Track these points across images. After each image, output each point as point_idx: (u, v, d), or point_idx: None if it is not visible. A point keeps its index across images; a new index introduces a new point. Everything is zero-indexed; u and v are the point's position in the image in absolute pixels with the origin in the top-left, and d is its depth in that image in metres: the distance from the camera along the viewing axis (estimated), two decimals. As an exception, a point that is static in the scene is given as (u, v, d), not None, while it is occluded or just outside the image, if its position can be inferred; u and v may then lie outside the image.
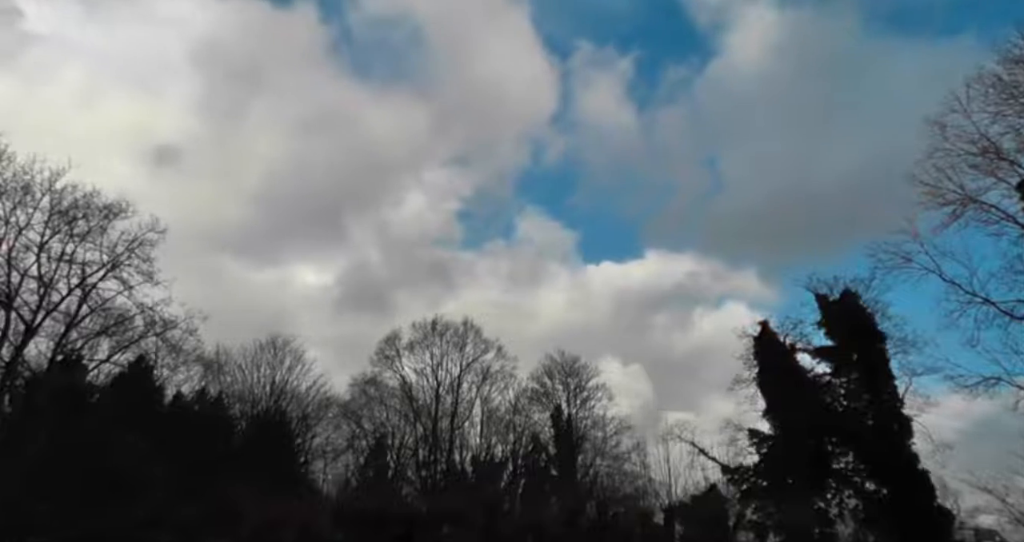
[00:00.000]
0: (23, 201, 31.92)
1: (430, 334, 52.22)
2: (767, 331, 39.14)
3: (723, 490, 43.21)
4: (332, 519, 36.96)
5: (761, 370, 38.34)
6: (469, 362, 52.06)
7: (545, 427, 51.77)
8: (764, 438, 38.43)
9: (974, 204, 22.57)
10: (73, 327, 33.59)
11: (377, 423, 50.71)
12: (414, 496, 46.49)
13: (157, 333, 34.81)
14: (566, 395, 52.49)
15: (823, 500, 35.94)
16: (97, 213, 33.25)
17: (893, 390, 35.34)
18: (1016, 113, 21.48)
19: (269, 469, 39.19)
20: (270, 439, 44.34)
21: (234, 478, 34.61)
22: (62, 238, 32.81)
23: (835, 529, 36.02)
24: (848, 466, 36.44)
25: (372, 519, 36.17)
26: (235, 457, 39.67)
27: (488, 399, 52.21)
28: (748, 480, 39.55)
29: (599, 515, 45.27)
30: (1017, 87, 21.33)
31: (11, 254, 31.90)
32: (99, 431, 30.84)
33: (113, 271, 33.54)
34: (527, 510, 43.52)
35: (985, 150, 22.08)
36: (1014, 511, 28.99)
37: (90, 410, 34.43)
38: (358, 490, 45.78)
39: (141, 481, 30.53)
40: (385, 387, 51.40)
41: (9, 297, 31.63)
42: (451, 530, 39.55)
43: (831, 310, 37.67)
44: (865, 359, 36.38)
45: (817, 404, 36.87)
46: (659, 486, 48.90)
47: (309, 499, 40.64)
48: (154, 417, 37.12)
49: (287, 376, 48.51)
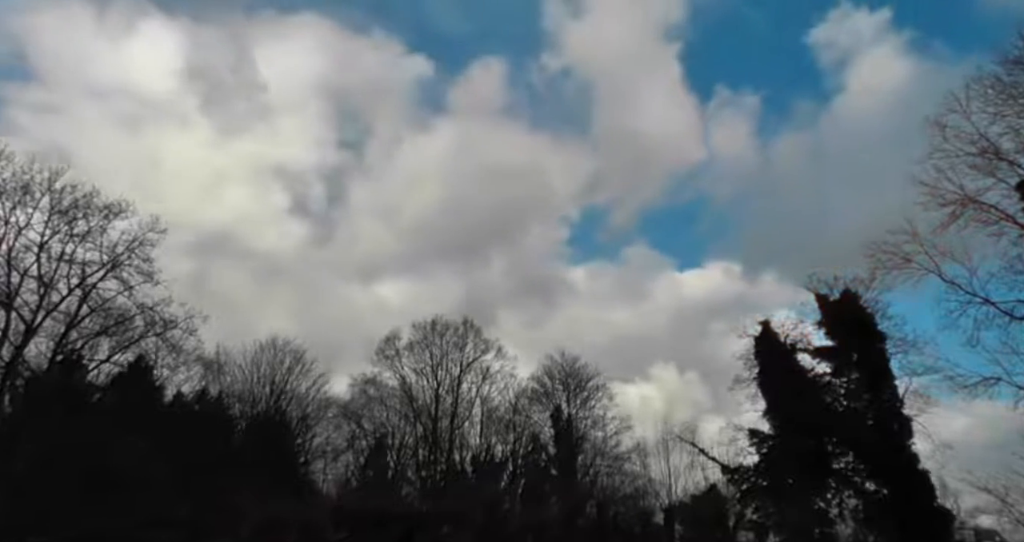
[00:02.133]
0: (23, 201, 31.93)
1: (430, 334, 52.26)
2: (768, 331, 39.16)
3: (723, 490, 43.31)
4: (332, 519, 36.97)
5: (761, 370, 38.36)
6: (469, 362, 52.11)
7: (545, 427, 51.88)
8: (764, 438, 38.44)
9: (974, 204, 22.52)
10: (73, 327, 33.58)
11: (377, 423, 50.75)
12: (414, 496, 46.51)
13: (157, 333, 34.80)
14: (566, 395, 52.53)
15: (823, 500, 35.95)
16: (97, 213, 33.25)
17: (893, 390, 35.33)
18: (1016, 114, 21.47)
19: (269, 469, 39.18)
20: (270, 439, 44.36)
21: (234, 478, 34.62)
22: (62, 238, 32.81)
23: (835, 529, 36.05)
24: (848, 466, 36.44)
25: (372, 519, 36.22)
26: (235, 457, 39.64)
27: (488, 399, 52.34)
28: (748, 480, 39.58)
29: (599, 515, 45.35)
30: (1016, 88, 21.32)
31: (11, 254, 31.91)
32: (99, 431, 30.77)
33: (113, 271, 33.53)
34: (527, 510, 43.55)
35: (985, 150, 22.07)
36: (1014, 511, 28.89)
37: (90, 410, 34.48)
38: (358, 490, 45.79)
39: (141, 481, 30.49)
40: (385, 387, 51.47)
41: (9, 297, 31.62)
42: (451, 530, 39.59)
43: (831, 310, 37.67)
44: (865, 359, 36.38)
45: (817, 404, 36.86)
46: (659, 486, 49.02)
47: (309, 499, 40.63)
48: (154, 417, 37.09)
49: (287, 376, 48.50)
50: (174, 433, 35.23)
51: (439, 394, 50.88)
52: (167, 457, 32.28)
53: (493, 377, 52.19)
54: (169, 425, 36.82)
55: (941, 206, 22.87)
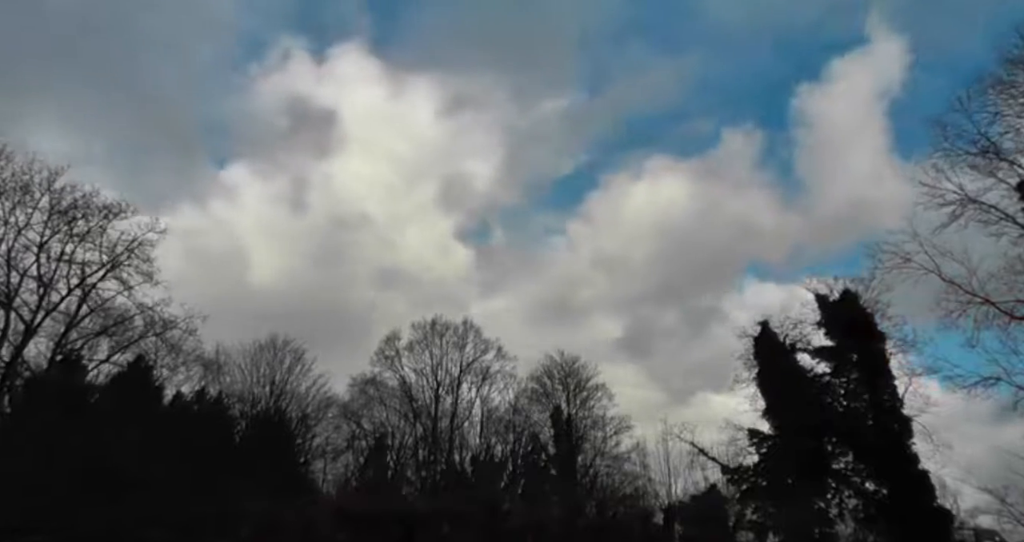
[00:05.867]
0: (22, 201, 31.95)
1: (430, 334, 52.24)
2: (767, 331, 39.18)
3: (723, 490, 43.23)
4: (332, 519, 36.94)
5: (761, 370, 38.39)
6: (469, 362, 52.08)
7: (545, 427, 51.78)
8: (764, 438, 38.45)
9: (974, 204, 22.61)
10: (73, 327, 33.59)
11: (377, 423, 50.74)
12: (414, 496, 46.44)
13: (157, 333, 34.85)
14: (566, 395, 52.48)
15: (823, 500, 35.96)
16: (96, 213, 33.26)
17: (893, 390, 35.35)
18: (1016, 114, 21.55)
19: (269, 469, 39.14)
20: (270, 439, 44.34)
21: (234, 478, 34.58)
22: (61, 238, 32.82)
23: (835, 529, 36.04)
24: (848, 466, 36.45)
25: (372, 519, 36.17)
26: (235, 457, 39.62)
27: (488, 399, 52.32)
28: (748, 480, 39.58)
29: (599, 515, 45.31)
30: (1016, 87, 21.39)
31: (11, 254, 31.93)
32: (99, 431, 30.77)
33: (113, 271, 33.55)
34: (527, 510, 43.48)
35: (985, 150, 22.14)
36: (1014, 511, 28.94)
37: (90, 410, 34.43)
38: (358, 490, 45.77)
39: (141, 481, 30.44)
40: (385, 387, 51.40)
41: (9, 297, 31.61)
42: (451, 530, 39.56)
43: (831, 310, 37.70)
44: (865, 359, 36.40)
45: (817, 404, 36.89)
46: (659, 486, 48.96)
47: (309, 499, 40.59)
48: (154, 417, 37.05)
49: (287, 376, 48.49)
50: (174, 433, 35.19)
51: (439, 394, 50.89)
52: (167, 457, 32.25)
53: (493, 377, 52.26)
54: (169, 425, 36.77)
55: (941, 206, 23.02)
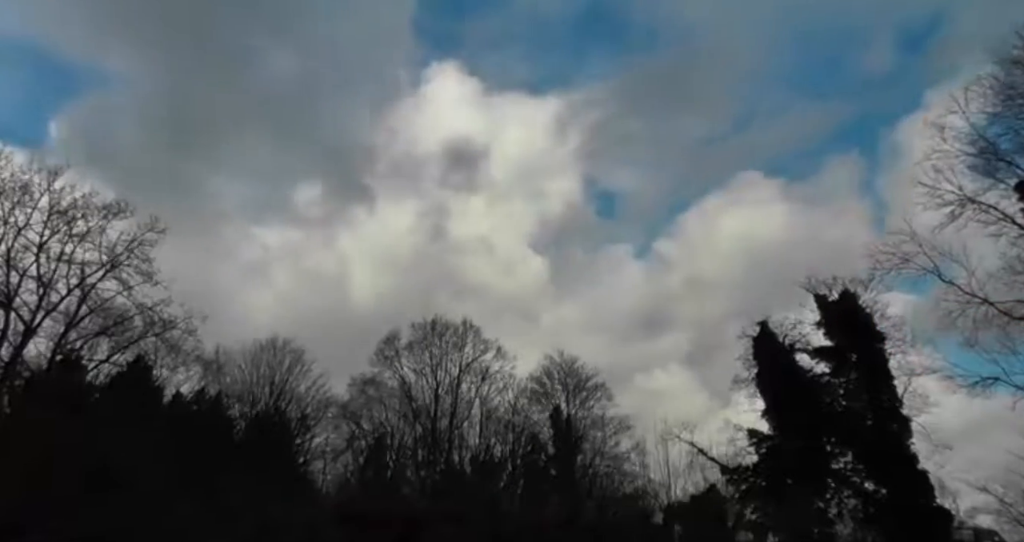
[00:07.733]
0: (22, 201, 32.01)
1: (429, 334, 52.17)
2: (766, 331, 39.16)
3: (723, 490, 43.22)
4: (332, 519, 36.93)
5: (760, 370, 38.36)
6: (468, 362, 52.04)
7: (544, 427, 51.81)
8: (763, 438, 38.41)
9: (973, 205, 22.65)
10: (72, 327, 33.62)
11: (376, 423, 50.72)
12: (413, 496, 46.45)
13: (156, 333, 34.89)
14: (565, 395, 52.51)
15: (822, 500, 35.94)
16: (96, 213, 33.37)
17: (892, 390, 35.34)
18: (1014, 114, 21.61)
19: (269, 469, 39.15)
20: (270, 439, 44.35)
21: (234, 478, 34.57)
22: (61, 238, 32.90)
23: (834, 529, 36.03)
24: (847, 466, 36.43)
25: (372, 519, 36.14)
26: (235, 457, 39.62)
27: (487, 399, 52.26)
28: (747, 480, 39.53)
29: (599, 515, 45.31)
30: (1015, 88, 21.44)
31: (10, 254, 31.95)
32: (98, 431, 30.77)
33: (112, 271, 33.60)
34: (527, 510, 43.51)
35: (983, 151, 22.21)
36: (1013, 511, 29.04)
37: (89, 410, 34.42)
38: (358, 490, 45.77)
39: (140, 481, 30.47)
40: (384, 387, 51.38)
41: (8, 297, 31.64)
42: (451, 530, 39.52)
43: (830, 310, 37.68)
44: (864, 359, 36.39)
45: (816, 404, 36.89)
46: (659, 486, 48.98)
47: (309, 499, 40.60)
48: (153, 417, 37.06)
49: (287, 376, 48.51)
50: (173, 433, 35.19)
51: (438, 394, 50.86)
52: (166, 457, 32.26)
53: (492, 377, 52.18)
54: (168, 425, 36.77)
55: (940, 206, 23.04)
